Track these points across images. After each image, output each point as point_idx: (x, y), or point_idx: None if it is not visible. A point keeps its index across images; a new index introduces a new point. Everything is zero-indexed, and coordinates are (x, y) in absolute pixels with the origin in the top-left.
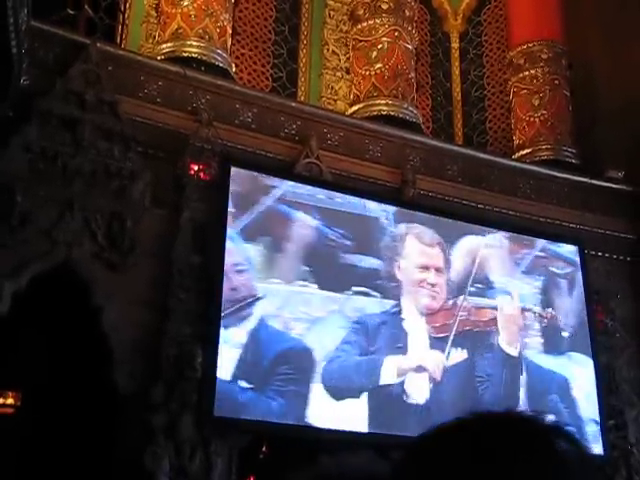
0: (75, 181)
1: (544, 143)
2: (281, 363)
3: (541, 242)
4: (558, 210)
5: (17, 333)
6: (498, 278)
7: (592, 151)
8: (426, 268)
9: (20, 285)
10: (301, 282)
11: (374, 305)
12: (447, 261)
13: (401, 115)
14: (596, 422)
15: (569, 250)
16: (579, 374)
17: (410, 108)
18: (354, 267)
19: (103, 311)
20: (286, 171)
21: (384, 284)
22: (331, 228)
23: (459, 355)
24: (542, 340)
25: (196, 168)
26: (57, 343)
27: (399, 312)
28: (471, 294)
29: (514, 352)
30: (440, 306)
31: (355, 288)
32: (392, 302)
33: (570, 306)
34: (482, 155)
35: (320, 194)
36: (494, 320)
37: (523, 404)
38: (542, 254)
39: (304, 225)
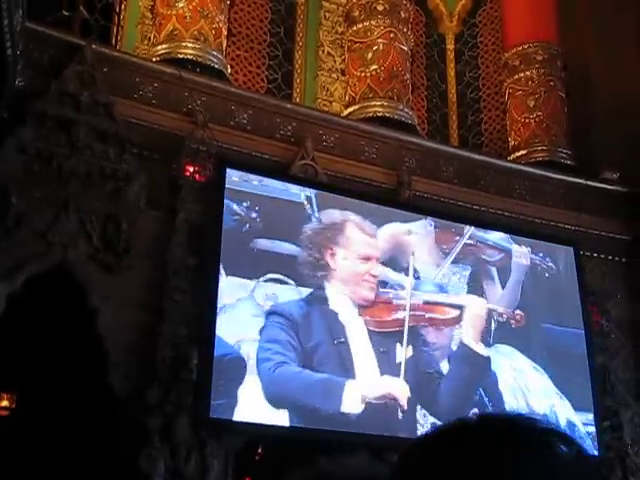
0: (70, 182)
1: (539, 144)
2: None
3: (469, 229)
4: (553, 211)
5: (12, 335)
6: (423, 267)
7: (587, 152)
8: (368, 259)
9: (15, 287)
10: None
11: (288, 292)
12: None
13: (396, 116)
14: None
15: (500, 237)
16: (505, 367)
17: (405, 109)
18: (268, 253)
19: (98, 313)
20: (281, 173)
21: (305, 272)
22: (238, 203)
23: (407, 351)
24: (469, 331)
25: (191, 169)
26: (52, 345)
27: (325, 302)
28: (415, 288)
29: (483, 351)
30: (375, 297)
31: (270, 275)
32: (311, 290)
33: (501, 296)
34: (477, 156)
35: (234, 176)
36: (455, 319)
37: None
38: (471, 242)
39: None
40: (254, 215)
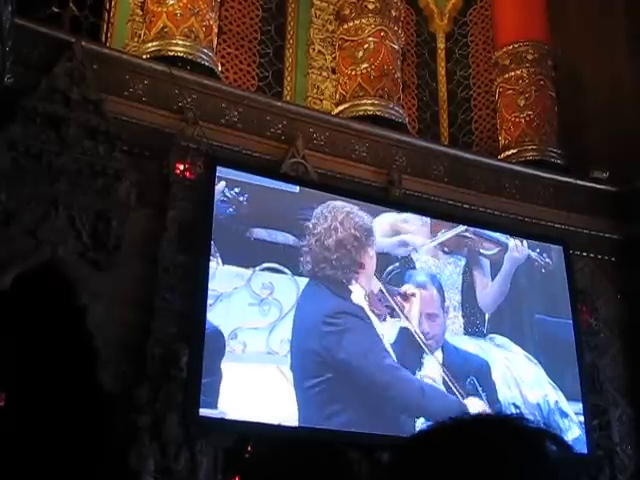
0: (60, 180)
1: (529, 143)
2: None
3: (460, 227)
4: (543, 210)
5: (1, 332)
6: (418, 256)
7: (577, 152)
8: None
9: (5, 284)
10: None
11: (284, 282)
12: None
13: (387, 115)
14: (516, 406)
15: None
16: (499, 357)
17: (396, 108)
18: (264, 242)
19: (88, 310)
20: (272, 171)
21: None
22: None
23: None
24: (462, 321)
25: (182, 167)
26: (42, 343)
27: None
28: (392, 275)
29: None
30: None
31: (266, 264)
32: (307, 280)
33: (494, 287)
34: (468, 155)
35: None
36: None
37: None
38: (467, 234)
39: None
40: (242, 199)
